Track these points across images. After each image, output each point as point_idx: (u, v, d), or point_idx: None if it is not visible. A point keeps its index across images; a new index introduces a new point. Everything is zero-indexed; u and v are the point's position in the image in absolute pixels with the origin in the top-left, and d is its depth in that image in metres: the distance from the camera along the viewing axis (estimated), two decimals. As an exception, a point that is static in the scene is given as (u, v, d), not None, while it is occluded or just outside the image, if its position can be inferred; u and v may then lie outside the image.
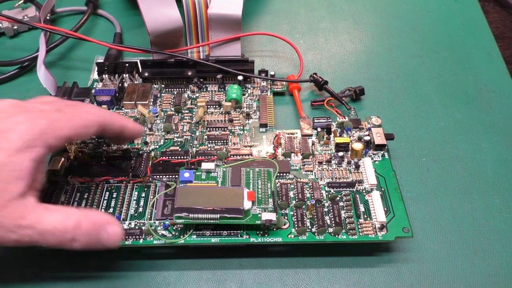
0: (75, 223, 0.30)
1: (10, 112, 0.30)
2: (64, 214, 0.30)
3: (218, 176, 0.38)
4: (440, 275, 0.36)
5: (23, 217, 0.28)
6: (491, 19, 0.60)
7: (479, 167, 0.43)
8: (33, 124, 0.30)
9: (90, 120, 0.33)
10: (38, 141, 0.29)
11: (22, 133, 0.29)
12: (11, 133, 0.29)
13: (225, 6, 0.46)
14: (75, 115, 0.32)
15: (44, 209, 0.30)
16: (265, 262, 0.37)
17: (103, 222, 0.31)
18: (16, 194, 0.28)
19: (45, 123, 0.30)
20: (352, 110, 0.46)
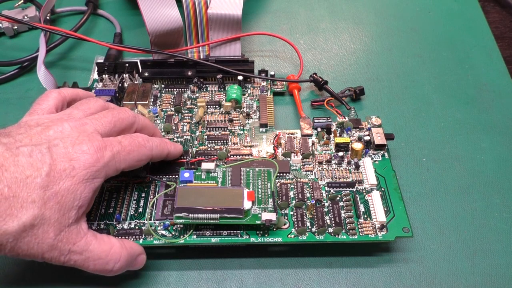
0: (117, 257, 0.32)
1: (75, 137, 0.31)
2: (108, 246, 0.32)
3: (218, 176, 0.38)
4: (440, 275, 0.36)
5: (74, 243, 0.30)
6: (491, 19, 0.60)
7: (479, 167, 0.43)
8: (99, 157, 0.31)
9: (144, 154, 0.34)
10: (101, 173, 0.31)
11: (89, 164, 0.30)
12: (78, 162, 0.30)
13: (225, 6, 0.46)
14: (133, 150, 0.33)
15: (92, 236, 0.31)
16: (265, 262, 0.37)
17: (136, 254, 0.34)
18: (73, 220, 0.30)
19: (109, 156, 0.31)
20: (352, 110, 0.46)
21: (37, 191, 0.28)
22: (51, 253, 0.29)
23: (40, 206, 0.28)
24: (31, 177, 0.28)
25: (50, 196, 0.28)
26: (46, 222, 0.28)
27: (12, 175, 0.28)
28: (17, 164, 0.28)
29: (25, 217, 0.28)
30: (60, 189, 0.29)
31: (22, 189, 0.28)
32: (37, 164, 0.29)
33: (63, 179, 0.29)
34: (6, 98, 0.50)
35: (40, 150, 0.29)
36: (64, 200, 0.29)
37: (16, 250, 0.28)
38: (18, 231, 0.28)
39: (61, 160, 0.29)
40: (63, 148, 0.30)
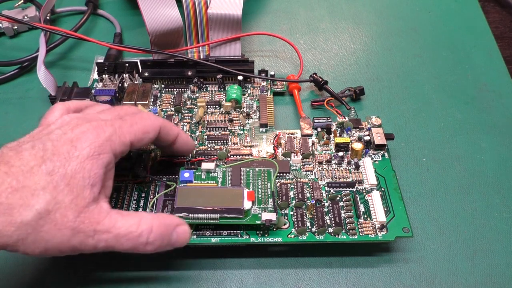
0: (148, 227, 0.31)
1: (74, 123, 0.31)
2: (137, 218, 0.31)
3: (218, 176, 0.38)
4: (440, 275, 0.36)
5: (98, 222, 0.29)
6: (491, 19, 0.60)
7: (479, 167, 0.43)
8: (99, 132, 0.31)
9: (150, 125, 0.34)
10: (105, 148, 0.30)
11: (90, 141, 0.30)
12: (80, 142, 0.30)
13: (225, 6, 0.46)
14: (136, 122, 0.33)
15: (117, 214, 0.31)
16: (265, 262, 0.37)
17: (173, 224, 0.32)
18: (90, 200, 0.29)
19: (110, 130, 0.31)
20: (352, 110, 0.46)
21: (44, 178, 0.28)
22: (77, 238, 0.29)
23: (51, 191, 0.28)
24: (36, 166, 0.28)
25: (58, 180, 0.28)
26: (62, 206, 0.28)
27: (18, 169, 0.28)
28: (21, 158, 0.28)
29: (38, 204, 0.27)
30: (67, 171, 0.29)
31: (30, 178, 0.28)
32: (39, 153, 0.29)
33: (68, 160, 0.29)
34: (6, 98, 0.50)
35: (41, 141, 0.29)
36: (74, 181, 0.29)
37: (40, 242, 0.28)
38: (35, 219, 0.27)
39: (62, 144, 0.29)
40: (63, 133, 0.30)
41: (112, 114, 0.34)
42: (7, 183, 0.27)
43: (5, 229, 0.27)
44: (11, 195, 0.27)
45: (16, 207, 0.27)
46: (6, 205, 0.27)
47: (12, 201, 0.27)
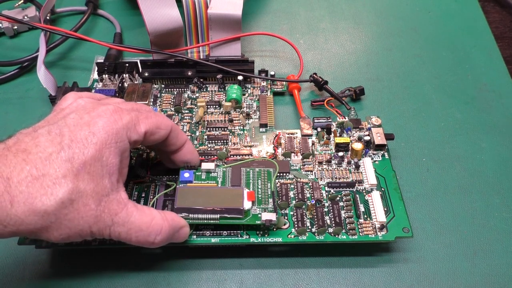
0: (158, 228, 0.31)
1: (90, 107, 0.31)
2: (150, 217, 0.31)
3: (218, 176, 0.38)
4: (440, 275, 0.36)
5: (117, 213, 0.30)
6: (491, 19, 0.60)
7: (479, 167, 0.43)
8: (117, 117, 0.30)
9: (163, 122, 0.34)
10: (122, 135, 0.30)
11: (108, 127, 0.29)
12: (96, 126, 0.29)
13: (225, 6, 0.46)
14: (150, 116, 0.33)
15: (134, 207, 0.31)
16: (265, 262, 0.37)
17: (178, 227, 0.33)
18: (109, 189, 0.29)
19: (127, 118, 0.31)
20: (352, 110, 0.46)
21: (64, 165, 0.28)
22: (97, 225, 0.29)
23: (73, 179, 0.28)
24: (55, 153, 0.28)
25: (79, 167, 0.28)
26: (84, 195, 0.28)
27: (36, 156, 0.27)
28: (38, 144, 0.28)
29: (61, 193, 0.27)
30: (87, 158, 0.28)
31: (49, 166, 0.27)
32: (56, 139, 0.28)
33: (86, 147, 0.28)
34: (6, 98, 0.50)
35: (57, 126, 0.29)
36: (93, 169, 0.28)
37: (63, 230, 0.28)
38: (58, 208, 0.27)
39: (79, 129, 0.29)
40: (79, 118, 0.30)
41: (128, 105, 0.34)
42: (26, 171, 0.27)
43: (28, 218, 0.27)
44: (31, 184, 0.27)
45: (38, 196, 0.27)
46: (27, 194, 0.26)
47: (33, 190, 0.27)
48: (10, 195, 0.26)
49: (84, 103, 0.32)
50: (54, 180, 0.27)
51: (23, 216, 0.26)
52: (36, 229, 0.27)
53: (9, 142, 0.29)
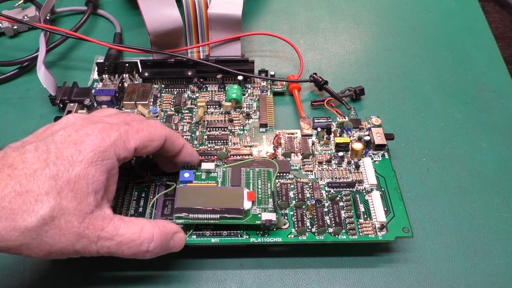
0: (149, 236, 0.31)
1: (79, 124, 0.31)
2: (139, 227, 0.31)
3: (218, 176, 0.38)
4: (440, 275, 0.36)
5: (102, 228, 0.29)
6: (491, 19, 0.60)
7: (479, 167, 0.43)
8: (104, 135, 0.30)
9: (156, 133, 0.33)
10: (110, 153, 0.30)
11: (95, 145, 0.29)
12: (83, 145, 0.29)
13: (225, 6, 0.46)
14: (142, 128, 0.33)
15: (120, 220, 0.31)
16: (265, 262, 0.37)
17: (171, 232, 0.33)
18: (93, 206, 0.29)
19: (115, 135, 0.31)
20: (352, 110, 0.46)
21: (48, 182, 0.28)
22: (81, 243, 0.29)
23: (55, 197, 0.28)
24: (40, 169, 0.28)
25: (62, 185, 0.28)
26: (66, 212, 0.28)
27: (21, 172, 0.27)
28: (24, 161, 0.28)
29: (42, 210, 0.27)
30: (71, 176, 0.28)
31: (33, 182, 0.27)
32: (43, 156, 0.28)
33: (72, 165, 0.28)
34: (6, 98, 0.50)
35: (44, 142, 0.29)
36: (78, 187, 0.28)
37: (44, 246, 0.28)
38: (39, 225, 0.27)
39: (66, 147, 0.29)
40: (67, 135, 0.30)
41: (119, 119, 0.33)
42: (10, 187, 0.27)
43: (8, 234, 0.27)
44: (14, 200, 0.27)
45: (19, 213, 0.27)
46: (9, 210, 0.27)
47: (15, 206, 0.27)
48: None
49: (74, 119, 0.31)
50: (37, 197, 0.27)
51: (3, 232, 0.26)
52: (16, 246, 0.27)
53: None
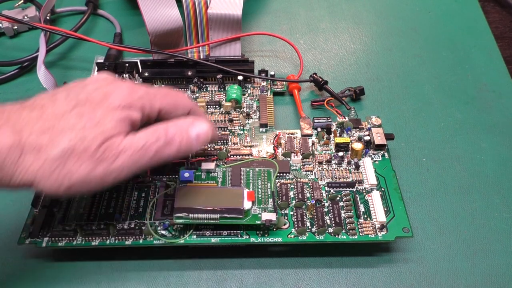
0: (164, 128, 0.32)
1: (110, 79, 0.33)
2: (151, 129, 0.32)
3: (218, 176, 0.38)
4: (440, 275, 0.36)
5: (119, 145, 0.30)
6: (491, 19, 0.60)
7: (479, 167, 0.43)
8: (133, 89, 0.32)
9: (182, 103, 0.35)
10: (136, 105, 0.31)
11: (123, 96, 0.31)
12: (112, 95, 0.31)
13: (225, 6, 0.46)
14: (170, 95, 0.34)
15: (132, 135, 0.31)
16: (265, 262, 0.37)
17: (188, 123, 0.33)
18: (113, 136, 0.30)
19: (143, 91, 0.32)
20: (352, 110, 0.46)
21: (73, 119, 0.29)
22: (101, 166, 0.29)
23: (78, 130, 0.29)
24: (67, 112, 0.30)
25: (86, 121, 0.29)
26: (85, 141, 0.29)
27: (51, 113, 0.30)
28: (55, 104, 0.30)
29: (63, 142, 0.28)
30: (97, 115, 0.30)
31: (60, 121, 0.29)
32: (72, 101, 0.30)
33: (99, 107, 0.30)
34: (6, 98, 0.50)
35: (75, 91, 0.31)
36: (101, 124, 0.29)
37: (64, 177, 0.29)
38: (60, 155, 0.28)
39: (96, 95, 0.31)
40: (98, 87, 0.31)
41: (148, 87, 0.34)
42: (39, 125, 0.29)
43: (32, 166, 0.28)
44: (41, 136, 0.29)
45: (43, 146, 0.28)
46: (36, 145, 0.28)
47: (42, 141, 0.28)
48: (20, 147, 0.28)
49: (105, 76, 0.33)
50: (61, 131, 0.29)
51: (27, 164, 0.28)
52: (38, 179, 0.29)
53: (26, 102, 0.31)
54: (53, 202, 0.38)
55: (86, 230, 0.36)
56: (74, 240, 0.35)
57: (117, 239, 0.35)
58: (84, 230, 0.36)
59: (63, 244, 0.35)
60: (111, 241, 0.35)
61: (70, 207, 0.38)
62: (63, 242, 0.35)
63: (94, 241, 0.35)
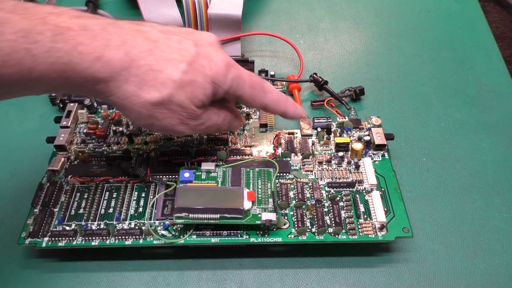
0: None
1: (218, 46, 0.34)
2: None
3: (218, 176, 0.38)
4: (440, 275, 0.36)
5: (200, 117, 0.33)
6: (491, 19, 0.60)
7: (479, 167, 0.43)
8: (229, 69, 0.33)
9: (260, 98, 0.35)
10: (225, 83, 0.33)
11: (220, 71, 0.32)
12: (216, 64, 0.32)
13: (225, 6, 0.46)
14: (256, 83, 0.35)
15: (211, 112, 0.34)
16: (265, 262, 0.37)
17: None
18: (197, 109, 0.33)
19: (235, 73, 0.33)
20: (352, 110, 0.46)
21: (178, 74, 0.31)
22: (182, 126, 0.33)
23: (177, 87, 0.31)
24: (176, 60, 0.31)
25: (186, 82, 0.31)
26: (179, 103, 0.31)
27: (161, 53, 0.30)
28: (168, 45, 0.31)
29: (165, 92, 0.30)
30: (195, 80, 0.31)
31: (167, 66, 0.30)
32: (183, 52, 0.31)
33: (200, 73, 0.31)
34: (6, 98, 0.50)
35: (188, 43, 0.32)
36: (194, 92, 0.31)
37: (150, 120, 0.32)
38: (157, 103, 0.31)
39: (203, 57, 0.32)
40: (207, 50, 0.32)
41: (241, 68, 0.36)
42: (149, 60, 0.30)
43: (130, 99, 0.30)
44: (148, 72, 0.30)
45: (146, 86, 0.30)
46: (141, 79, 0.30)
47: (147, 78, 0.30)
48: (127, 75, 0.29)
49: (214, 40, 0.35)
50: (165, 79, 0.30)
51: (128, 94, 0.30)
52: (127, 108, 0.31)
53: (141, 27, 0.31)
54: (53, 202, 0.38)
55: (86, 230, 0.36)
56: (74, 240, 0.35)
57: (117, 239, 0.35)
58: (84, 230, 0.36)
59: (63, 244, 0.35)
60: (111, 241, 0.35)
61: (70, 207, 0.38)
62: (63, 242, 0.35)
63: (94, 241, 0.35)
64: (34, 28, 0.26)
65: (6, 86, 0.27)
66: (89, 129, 0.43)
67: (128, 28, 0.30)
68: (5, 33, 0.25)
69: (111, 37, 0.29)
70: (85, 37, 0.28)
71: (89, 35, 0.28)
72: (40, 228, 0.36)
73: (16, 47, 0.26)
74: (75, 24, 0.28)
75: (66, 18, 0.28)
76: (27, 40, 0.26)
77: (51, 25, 0.27)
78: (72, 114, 0.43)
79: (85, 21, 0.29)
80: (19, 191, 0.41)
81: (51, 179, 0.39)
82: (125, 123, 0.44)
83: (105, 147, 0.42)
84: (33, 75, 0.27)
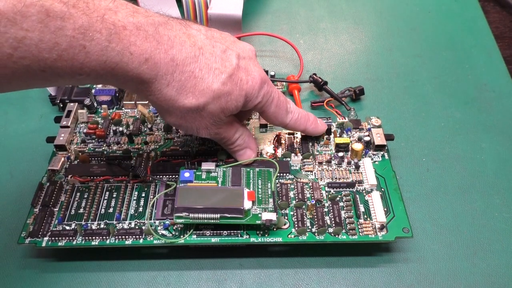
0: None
1: (255, 61, 0.35)
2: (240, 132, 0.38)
3: (218, 176, 0.38)
4: (440, 275, 0.36)
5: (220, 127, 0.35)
6: (491, 19, 0.60)
7: (479, 167, 0.43)
8: (262, 85, 0.34)
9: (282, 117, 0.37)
10: (257, 98, 0.34)
11: (256, 86, 0.33)
12: (252, 79, 0.33)
13: (225, 6, 0.46)
14: (280, 104, 0.37)
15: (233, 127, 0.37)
16: (265, 262, 0.37)
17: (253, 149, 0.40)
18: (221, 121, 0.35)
19: (266, 90, 0.34)
20: (352, 110, 0.46)
21: (216, 83, 0.32)
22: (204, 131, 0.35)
23: (213, 97, 0.32)
24: (218, 70, 0.32)
25: (224, 93, 0.32)
26: (211, 112, 0.33)
27: (205, 61, 0.31)
28: (212, 53, 0.32)
29: (201, 100, 0.31)
30: (232, 92, 0.32)
31: (208, 76, 0.31)
32: (226, 63, 0.32)
33: (237, 86, 0.33)
34: (6, 98, 0.50)
35: (230, 55, 0.33)
36: (228, 103, 0.33)
37: (181, 121, 0.33)
38: (191, 109, 0.32)
39: (242, 70, 0.33)
40: (247, 63, 0.34)
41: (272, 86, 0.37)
42: (193, 66, 0.31)
43: (168, 102, 0.31)
44: (190, 79, 0.31)
45: (185, 91, 0.31)
46: (182, 84, 0.31)
47: (187, 84, 0.31)
48: (170, 79, 0.30)
49: (253, 54, 0.35)
50: (204, 88, 0.31)
51: (167, 97, 0.31)
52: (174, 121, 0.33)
53: (190, 30, 0.32)
54: (53, 202, 0.38)
55: (86, 230, 0.36)
56: (74, 240, 0.35)
57: (117, 239, 0.35)
58: (84, 230, 0.36)
59: (63, 244, 0.35)
60: (111, 240, 0.35)
61: (70, 206, 0.38)
62: (63, 242, 0.35)
63: (94, 240, 0.35)
64: (93, 25, 0.26)
65: (56, 76, 0.27)
66: (89, 129, 0.43)
67: (178, 30, 0.31)
68: (65, 29, 0.26)
69: (161, 39, 0.30)
70: (137, 38, 0.29)
71: (141, 35, 0.29)
72: (40, 227, 0.36)
73: (73, 43, 0.26)
74: (130, 23, 0.28)
75: (122, 15, 0.28)
76: (84, 37, 0.26)
77: (109, 23, 0.27)
78: (72, 114, 0.44)
79: (140, 20, 0.29)
80: (19, 191, 0.41)
81: (51, 179, 0.39)
82: (125, 123, 0.44)
83: (105, 147, 0.42)
84: (83, 70, 0.27)
